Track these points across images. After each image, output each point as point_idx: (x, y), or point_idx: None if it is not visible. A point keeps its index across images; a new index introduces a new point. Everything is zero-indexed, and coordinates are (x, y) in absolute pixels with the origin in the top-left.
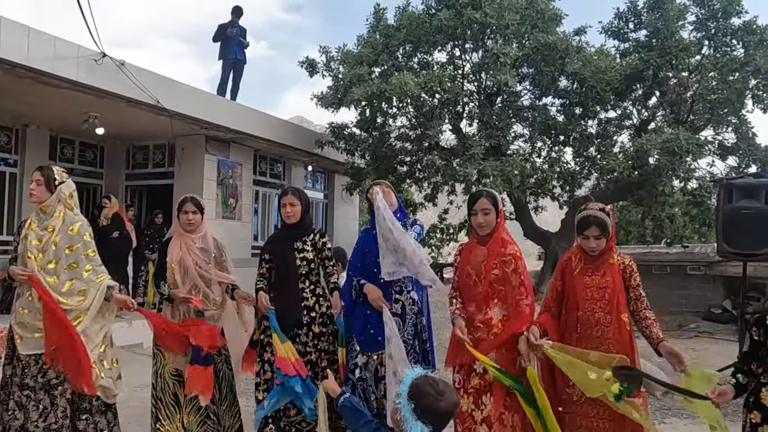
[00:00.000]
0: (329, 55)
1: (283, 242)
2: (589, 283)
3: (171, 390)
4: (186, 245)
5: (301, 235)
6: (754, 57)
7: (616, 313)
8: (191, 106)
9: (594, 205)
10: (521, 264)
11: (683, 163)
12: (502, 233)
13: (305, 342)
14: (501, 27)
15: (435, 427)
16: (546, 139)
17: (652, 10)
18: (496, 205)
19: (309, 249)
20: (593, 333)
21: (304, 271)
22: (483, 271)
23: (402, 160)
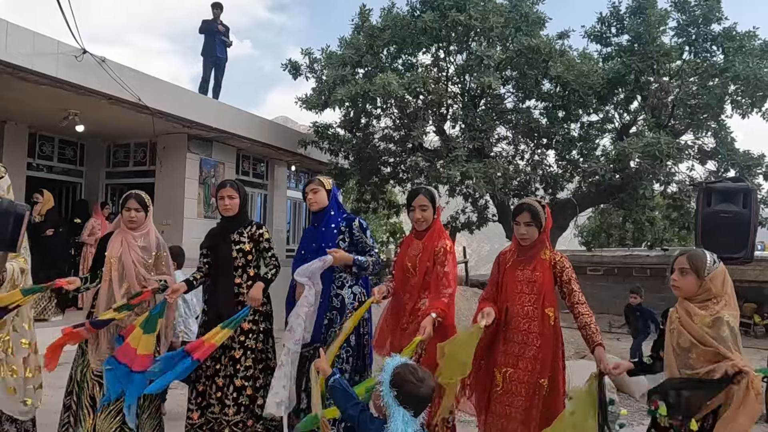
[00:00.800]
0: (312, 57)
1: (220, 235)
2: (520, 277)
3: (89, 392)
4: (127, 242)
5: (238, 227)
6: (734, 63)
7: (542, 307)
8: (173, 104)
9: (531, 198)
10: (450, 257)
11: (664, 167)
12: (437, 229)
13: (231, 337)
14: (485, 30)
15: (415, 411)
16: (529, 141)
17: (634, 15)
18: (434, 202)
19: (246, 241)
20: (521, 325)
21: (240, 263)
22: (418, 264)
23: (386, 161)
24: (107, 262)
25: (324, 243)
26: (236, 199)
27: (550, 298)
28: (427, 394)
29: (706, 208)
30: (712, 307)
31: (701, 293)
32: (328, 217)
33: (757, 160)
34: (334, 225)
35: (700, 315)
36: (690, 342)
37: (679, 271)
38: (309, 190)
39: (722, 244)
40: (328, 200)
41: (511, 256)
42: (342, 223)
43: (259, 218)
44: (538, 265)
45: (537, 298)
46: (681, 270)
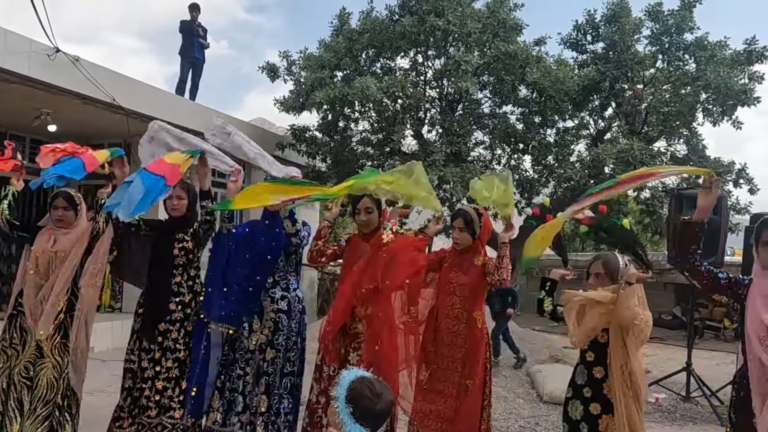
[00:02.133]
0: (290, 60)
1: (164, 233)
2: (453, 279)
3: (17, 396)
4: (55, 237)
5: (185, 227)
6: (705, 72)
7: (470, 310)
8: (148, 105)
9: (469, 206)
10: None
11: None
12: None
13: (176, 338)
14: (463, 35)
15: (372, 428)
16: (506, 146)
17: (609, 24)
18: (379, 205)
19: (189, 239)
20: (449, 327)
21: (181, 262)
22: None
23: (363, 164)
24: (33, 256)
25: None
26: (184, 200)
27: (478, 302)
28: (385, 409)
29: (677, 214)
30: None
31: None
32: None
33: (728, 167)
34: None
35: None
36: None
37: (595, 276)
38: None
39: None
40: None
41: (449, 258)
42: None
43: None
44: (470, 269)
45: (465, 301)
46: (596, 275)
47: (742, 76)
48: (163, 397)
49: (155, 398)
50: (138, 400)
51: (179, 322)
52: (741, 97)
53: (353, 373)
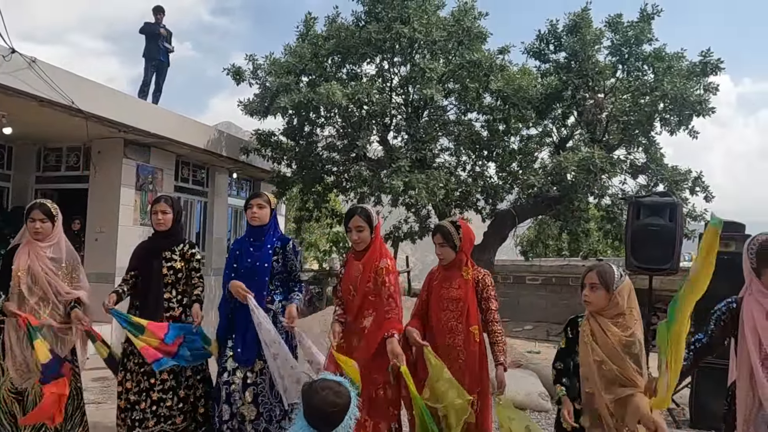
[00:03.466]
0: (256, 63)
1: (151, 250)
2: (445, 295)
3: (8, 409)
4: (35, 253)
5: (170, 244)
6: (662, 82)
7: (466, 324)
8: (109, 108)
9: (447, 220)
10: (392, 278)
11: (598, 181)
12: (377, 248)
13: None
14: (428, 42)
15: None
16: (471, 153)
17: (571, 34)
18: (370, 222)
19: (177, 258)
20: (445, 341)
21: (170, 280)
22: (358, 285)
23: (329, 169)
24: (14, 276)
25: (260, 262)
26: (169, 215)
27: (474, 316)
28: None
29: (635, 221)
30: (623, 323)
31: (611, 307)
32: (267, 237)
33: (684, 176)
34: (270, 245)
35: (615, 333)
36: (601, 358)
37: (590, 286)
38: (255, 204)
39: (650, 255)
40: (269, 218)
41: (437, 275)
42: (277, 244)
43: (198, 226)
44: (460, 283)
45: (461, 315)
46: (591, 285)
47: (697, 87)
48: (160, 407)
49: (152, 409)
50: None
51: None
52: (696, 107)
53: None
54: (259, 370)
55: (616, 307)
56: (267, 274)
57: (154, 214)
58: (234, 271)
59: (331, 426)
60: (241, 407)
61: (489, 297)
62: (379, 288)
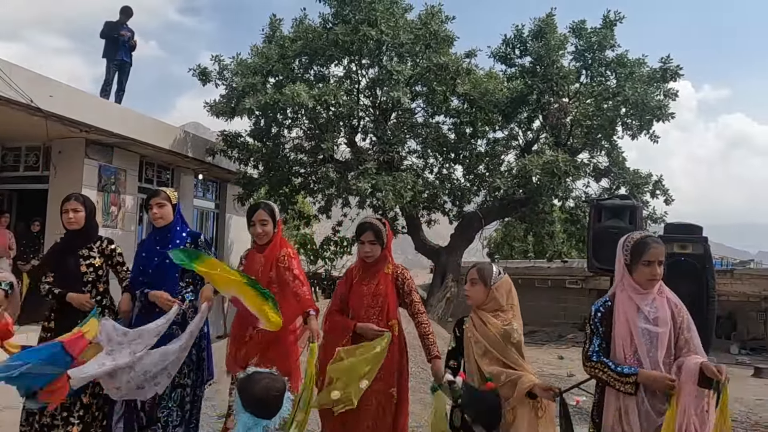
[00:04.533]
0: (222, 64)
1: (66, 250)
2: (365, 291)
3: None
4: None
5: (86, 241)
6: (624, 88)
7: (386, 319)
8: (69, 108)
9: (372, 216)
10: (295, 262)
11: (562, 184)
12: (278, 242)
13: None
14: (396, 45)
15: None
16: (438, 155)
17: (536, 39)
18: (274, 217)
19: (96, 255)
20: (368, 339)
21: (90, 278)
22: (260, 276)
23: (296, 171)
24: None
25: (169, 260)
26: (81, 213)
27: (393, 311)
28: (261, 393)
29: (596, 223)
30: (503, 317)
31: (489, 302)
32: (174, 233)
33: (645, 179)
34: (179, 241)
35: (495, 323)
36: (484, 348)
37: (470, 281)
38: (154, 204)
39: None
40: (173, 215)
41: (357, 273)
42: (187, 239)
43: None
44: (381, 279)
45: (381, 311)
46: (471, 281)
47: (657, 92)
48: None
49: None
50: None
51: None
52: (656, 112)
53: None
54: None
55: (494, 301)
56: (177, 270)
57: (64, 213)
58: (142, 275)
59: (275, 411)
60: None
61: (410, 291)
62: (283, 276)
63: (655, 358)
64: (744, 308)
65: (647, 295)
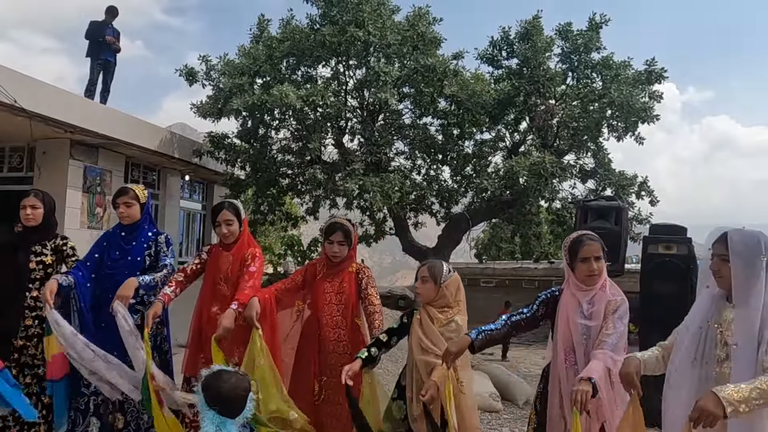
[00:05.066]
0: (209, 64)
1: (18, 244)
2: (329, 288)
3: None
4: None
5: (40, 238)
6: (610, 90)
7: (351, 316)
8: (54, 108)
9: (341, 217)
10: (258, 262)
11: (549, 185)
12: (245, 240)
13: (34, 354)
14: (383, 46)
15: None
16: (425, 157)
17: (523, 41)
18: (239, 216)
19: (48, 253)
20: (331, 335)
21: (39, 276)
22: (229, 275)
23: (284, 172)
24: None
25: (131, 256)
26: (40, 209)
27: (355, 307)
28: (228, 391)
29: (582, 224)
30: (448, 313)
31: (439, 299)
32: (140, 231)
33: (631, 180)
34: (144, 239)
35: (439, 318)
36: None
37: (421, 279)
38: (122, 202)
39: None
40: (141, 214)
41: (321, 269)
42: (151, 239)
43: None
44: (345, 277)
45: (345, 308)
46: (422, 278)
47: (643, 94)
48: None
49: (14, 415)
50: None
51: (37, 338)
52: (642, 114)
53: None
54: None
55: (443, 298)
56: (138, 268)
57: (22, 209)
58: (95, 262)
59: (239, 410)
60: (108, 417)
61: (368, 285)
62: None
63: (589, 351)
64: None
65: (589, 292)
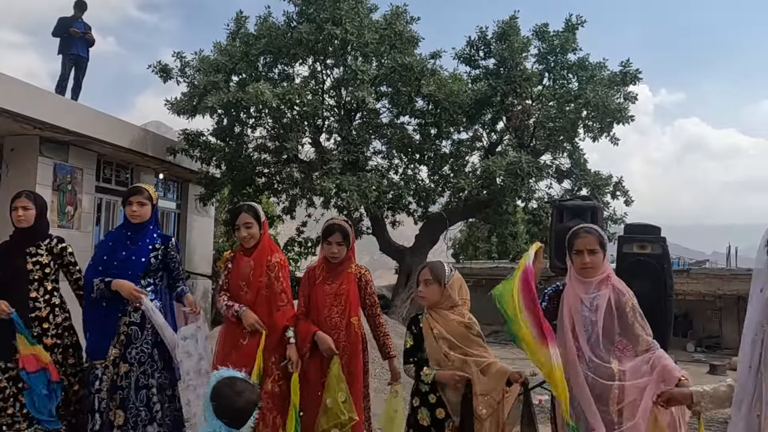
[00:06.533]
0: (184, 61)
1: (12, 247)
2: (328, 291)
3: None
4: None
5: (34, 239)
6: (586, 90)
7: (348, 317)
8: (21, 103)
9: (339, 218)
10: (285, 272)
11: (525, 185)
12: (266, 244)
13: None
14: (361, 45)
15: (231, 423)
16: (403, 156)
17: (500, 41)
18: (258, 219)
19: (44, 253)
20: (329, 336)
21: (37, 276)
22: (251, 280)
23: (260, 171)
24: None
25: (135, 256)
26: (31, 211)
27: (354, 308)
28: (243, 406)
29: (558, 224)
30: (460, 312)
31: (444, 300)
32: (147, 231)
33: (606, 180)
34: (149, 240)
35: (456, 319)
36: (451, 342)
37: (424, 282)
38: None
39: None
40: (151, 215)
41: (320, 272)
42: (157, 241)
43: None
44: (345, 279)
45: (344, 310)
46: (425, 281)
47: (618, 95)
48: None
49: (23, 412)
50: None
51: (36, 338)
52: (617, 115)
53: (221, 373)
54: (124, 373)
55: (449, 299)
56: (142, 269)
57: (14, 210)
58: (104, 264)
59: (246, 421)
60: (108, 413)
61: (372, 293)
62: (272, 283)
63: (595, 343)
64: (700, 307)
65: (588, 285)
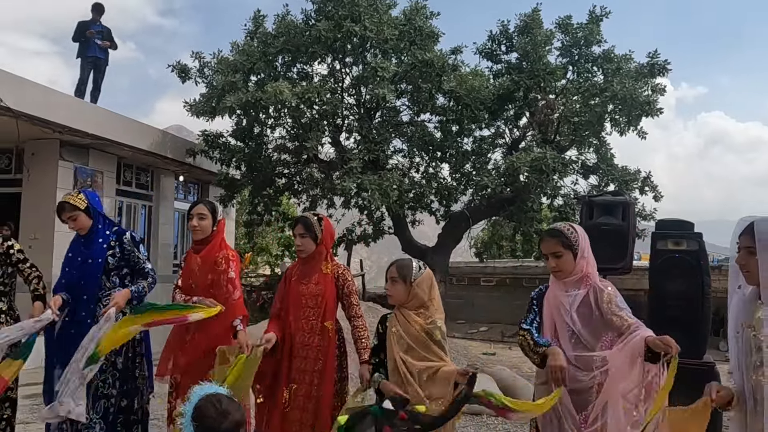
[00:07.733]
0: (203, 61)
1: None
2: (304, 291)
3: None
4: None
5: None
6: (612, 83)
7: (322, 321)
8: (42, 108)
9: (310, 212)
10: (233, 264)
11: (550, 181)
12: (217, 242)
13: None
14: (380, 41)
15: None
16: (424, 154)
17: (522, 35)
18: (214, 213)
19: None
20: (304, 340)
21: None
22: (198, 278)
23: (280, 172)
24: None
25: (91, 259)
26: None
27: (330, 312)
28: (229, 428)
29: (588, 220)
30: (425, 314)
31: (411, 299)
32: (96, 231)
33: (634, 175)
34: (102, 239)
35: (418, 321)
36: (407, 345)
37: (390, 280)
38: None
39: (604, 255)
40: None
41: (295, 271)
42: (111, 237)
43: (143, 232)
44: (320, 278)
45: (319, 312)
46: (391, 279)
47: (645, 88)
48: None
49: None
50: None
51: None
52: (645, 108)
53: (204, 389)
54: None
55: (416, 298)
56: (100, 271)
57: None
58: (66, 276)
59: None
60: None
61: (351, 292)
62: (218, 280)
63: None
64: None
65: (566, 285)
